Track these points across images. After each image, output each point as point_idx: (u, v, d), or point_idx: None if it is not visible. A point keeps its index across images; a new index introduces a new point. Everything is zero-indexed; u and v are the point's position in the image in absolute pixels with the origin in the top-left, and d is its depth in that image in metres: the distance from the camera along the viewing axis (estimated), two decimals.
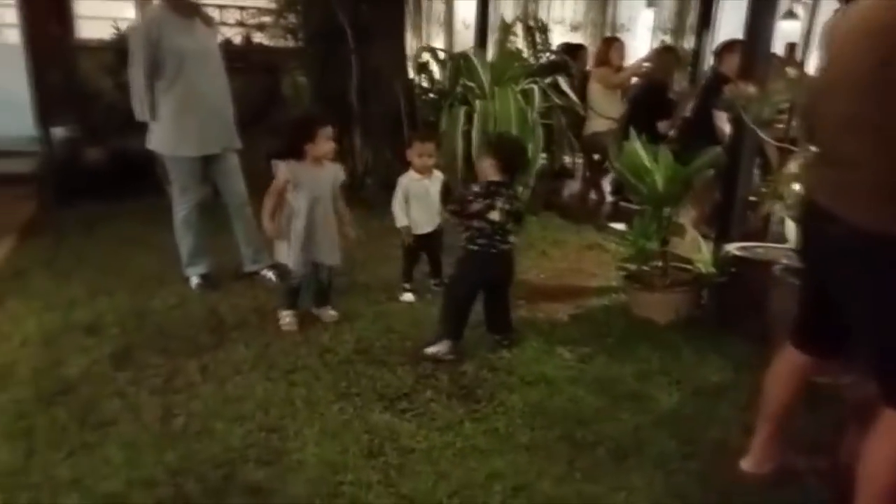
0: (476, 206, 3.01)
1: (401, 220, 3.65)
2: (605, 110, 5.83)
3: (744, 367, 2.96)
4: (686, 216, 4.47)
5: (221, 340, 3.15)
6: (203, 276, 3.78)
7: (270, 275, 3.89)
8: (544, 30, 6.60)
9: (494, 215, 3.00)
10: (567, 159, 6.55)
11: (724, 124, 4.78)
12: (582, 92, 5.99)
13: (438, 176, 3.73)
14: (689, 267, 3.54)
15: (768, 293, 2.96)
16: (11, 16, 7.65)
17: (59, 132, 5.65)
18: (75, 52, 6.14)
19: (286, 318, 3.31)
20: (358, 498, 2.09)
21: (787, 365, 2.11)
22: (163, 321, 3.35)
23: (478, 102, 5.18)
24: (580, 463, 2.30)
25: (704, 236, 3.79)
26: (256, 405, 2.60)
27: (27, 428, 2.40)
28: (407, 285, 3.76)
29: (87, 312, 3.40)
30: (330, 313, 3.41)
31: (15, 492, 2.06)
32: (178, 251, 3.84)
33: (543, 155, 5.69)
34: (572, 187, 6.66)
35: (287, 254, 3.28)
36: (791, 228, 3.85)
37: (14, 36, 6.73)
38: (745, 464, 2.22)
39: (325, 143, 3.20)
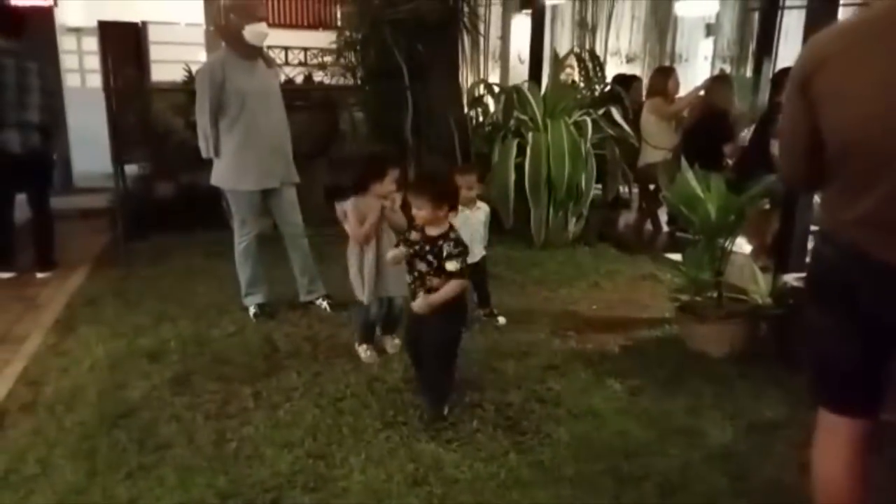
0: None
1: None
2: (659, 141, 5.78)
3: (801, 403, 2.84)
4: (747, 248, 4.38)
5: (275, 368, 3.25)
6: (260, 306, 3.91)
7: (325, 304, 4.00)
8: (598, 61, 6.62)
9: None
10: (623, 190, 6.51)
11: None
12: (636, 123, 5.96)
13: (482, 207, 3.75)
14: (745, 298, 3.45)
15: None
16: (94, 62, 8.20)
17: (132, 169, 5.98)
18: (149, 94, 6.51)
19: (364, 351, 3.36)
20: None
21: (836, 438, 1.72)
22: (220, 348, 3.48)
23: (530, 135, 5.22)
24: (625, 498, 2.26)
25: (765, 269, 3.69)
26: (305, 432, 2.66)
27: (90, 449, 2.52)
28: None
29: (151, 339, 3.56)
30: (395, 342, 3.44)
31: None
32: (238, 282, 4.00)
33: (597, 185, 5.68)
34: (628, 218, 6.59)
35: (361, 289, 3.29)
36: None
37: (97, 80, 7.22)
38: None
39: (390, 183, 3.27)
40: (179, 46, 8.16)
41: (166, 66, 7.29)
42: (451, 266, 2.64)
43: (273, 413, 2.82)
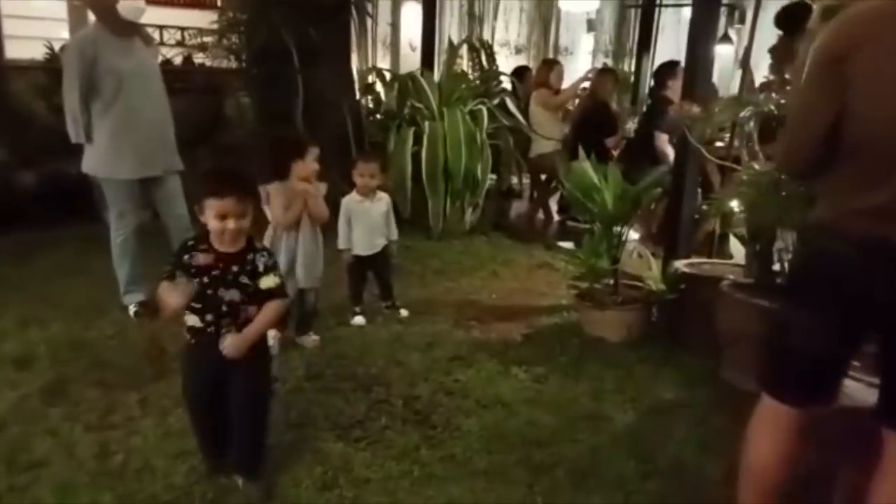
0: None
1: (341, 242, 3.59)
2: (547, 131, 5.90)
3: (697, 383, 3.00)
4: (634, 236, 4.56)
5: (162, 371, 2.99)
6: (142, 304, 3.61)
7: None
8: (490, 51, 6.67)
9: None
10: (514, 180, 6.62)
11: (665, 146, 4.90)
12: (527, 113, 6.06)
13: (382, 197, 3.66)
14: (639, 284, 3.57)
15: (717, 309, 3.00)
16: None
17: None
18: (5, 73, 5.87)
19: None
20: None
21: (776, 425, 1.74)
22: (99, 352, 3.17)
23: (427, 123, 5.17)
24: (539, 486, 2.26)
25: (653, 255, 3.84)
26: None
27: None
28: (357, 308, 3.67)
29: (17, 344, 3.19)
30: (312, 338, 3.30)
31: None
32: (115, 279, 3.67)
33: (492, 175, 5.74)
34: (520, 208, 6.71)
35: None
36: (735, 245, 3.96)
37: None
38: None
39: (312, 162, 3.12)
40: (38, 21, 7.40)
41: (23, 43, 6.59)
42: (270, 282, 2.07)
43: (163, 420, 2.59)
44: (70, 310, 3.63)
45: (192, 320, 2.08)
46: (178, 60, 6.72)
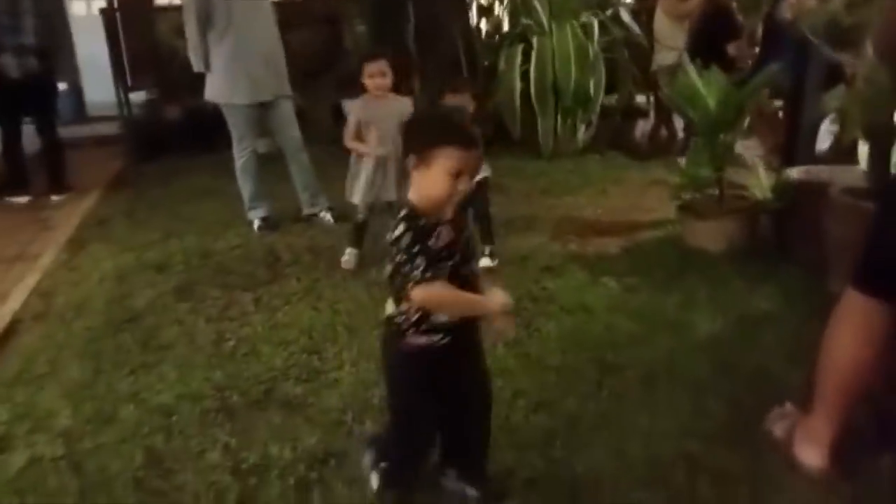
0: None
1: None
2: (671, 42, 5.55)
3: (796, 297, 2.83)
4: (757, 149, 4.26)
5: (276, 276, 3.32)
6: (263, 219, 3.97)
7: (328, 216, 4.04)
8: None
9: None
10: (641, 98, 6.32)
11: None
12: (649, 26, 5.72)
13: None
14: (746, 195, 3.38)
15: (826, 216, 2.80)
16: None
17: (139, 94, 6.00)
18: (153, 16, 6.44)
19: (347, 255, 3.37)
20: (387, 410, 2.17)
21: (862, 318, 1.67)
22: (224, 260, 3.56)
23: (535, 39, 5.07)
24: (608, 385, 2.29)
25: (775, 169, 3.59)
26: (301, 332, 2.73)
27: (96, 351, 2.64)
28: None
29: (158, 253, 3.66)
30: None
31: (81, 402, 2.29)
32: (242, 199, 4.05)
33: (611, 95, 5.53)
34: (644, 127, 6.42)
35: (356, 191, 3.29)
36: (863, 151, 3.60)
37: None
38: (803, 452, 1.79)
39: (374, 76, 3.19)
40: None
41: None
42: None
43: (272, 316, 2.90)
44: (203, 225, 4.09)
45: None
46: None
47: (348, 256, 3.37)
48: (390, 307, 1.63)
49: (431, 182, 1.49)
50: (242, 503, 1.79)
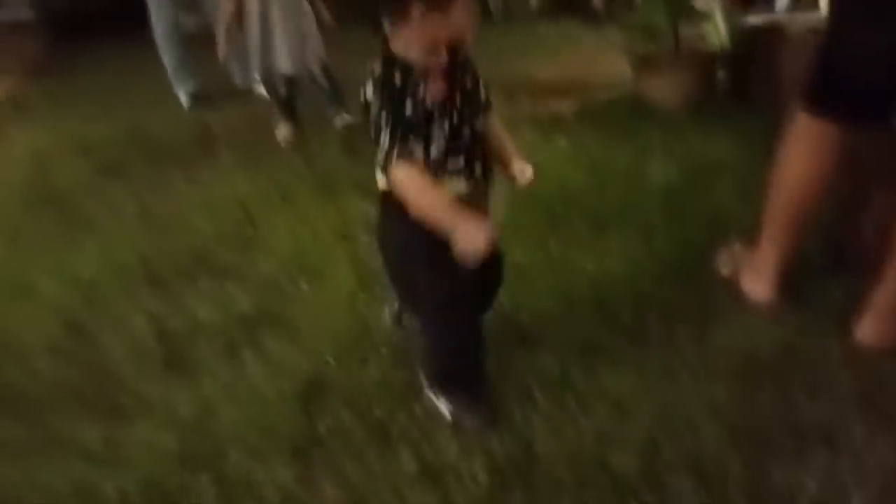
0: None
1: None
2: None
3: (753, 143, 2.72)
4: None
5: (210, 152, 3.12)
6: (192, 95, 3.69)
7: (262, 90, 3.77)
8: None
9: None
10: None
11: None
12: None
13: None
14: (703, 45, 3.20)
15: (784, 58, 2.66)
16: None
17: None
18: None
19: (280, 130, 3.17)
20: (323, 272, 2.07)
21: (815, 143, 1.59)
22: (154, 138, 3.34)
23: None
24: (556, 234, 2.20)
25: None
26: (235, 203, 2.57)
27: (12, 226, 2.47)
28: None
29: (82, 135, 3.41)
30: (344, 117, 3.19)
31: None
32: None
33: None
34: None
35: (246, 66, 3.02)
36: None
37: None
38: (750, 284, 1.76)
39: None
40: None
41: None
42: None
43: (204, 190, 2.73)
44: (132, 105, 3.83)
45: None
46: None
47: (283, 130, 3.16)
48: (381, 180, 1.34)
49: (409, 48, 1.21)
50: (168, 366, 1.69)
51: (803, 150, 1.62)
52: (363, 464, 1.35)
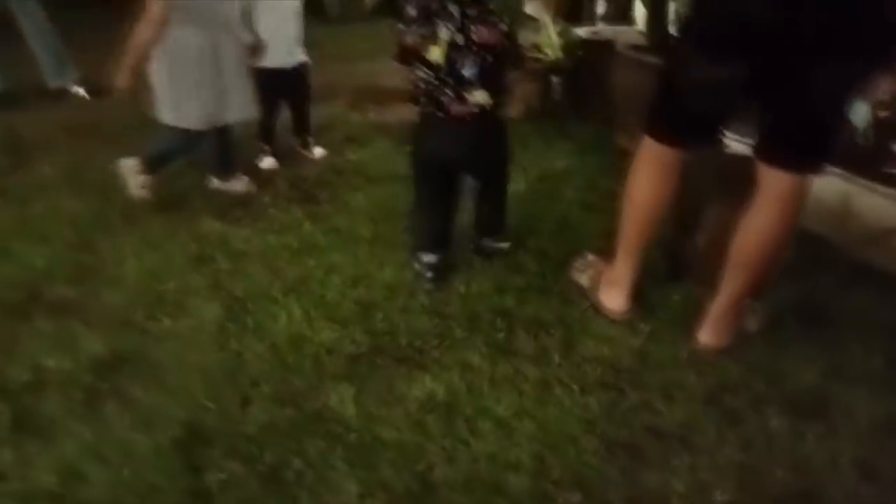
0: (410, 37, 1.88)
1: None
2: None
3: (589, 151, 2.97)
4: (541, 7, 4.29)
5: (22, 162, 2.76)
6: None
7: (81, 91, 3.41)
8: None
9: (434, 54, 1.86)
10: None
11: None
12: None
13: None
14: (540, 56, 3.40)
15: (612, 72, 2.90)
16: None
17: None
18: None
19: (140, 182, 2.45)
20: (184, 303, 1.93)
21: (659, 165, 1.75)
22: None
23: None
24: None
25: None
26: (64, 224, 2.32)
27: None
28: (266, 147, 2.90)
29: None
30: (243, 179, 2.66)
31: None
32: None
33: None
34: None
35: (177, 112, 2.35)
36: (640, 12, 3.78)
37: None
38: (607, 297, 1.91)
39: None
40: None
41: None
42: None
43: (23, 209, 2.42)
44: None
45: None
46: None
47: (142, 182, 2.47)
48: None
49: None
50: (17, 427, 1.49)
51: (650, 171, 1.78)
52: None
